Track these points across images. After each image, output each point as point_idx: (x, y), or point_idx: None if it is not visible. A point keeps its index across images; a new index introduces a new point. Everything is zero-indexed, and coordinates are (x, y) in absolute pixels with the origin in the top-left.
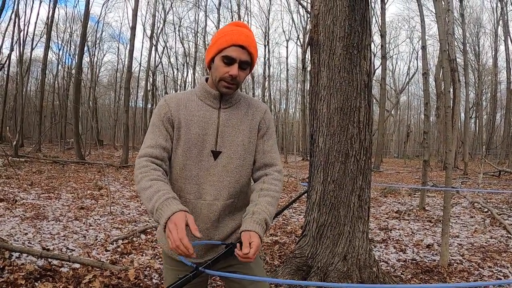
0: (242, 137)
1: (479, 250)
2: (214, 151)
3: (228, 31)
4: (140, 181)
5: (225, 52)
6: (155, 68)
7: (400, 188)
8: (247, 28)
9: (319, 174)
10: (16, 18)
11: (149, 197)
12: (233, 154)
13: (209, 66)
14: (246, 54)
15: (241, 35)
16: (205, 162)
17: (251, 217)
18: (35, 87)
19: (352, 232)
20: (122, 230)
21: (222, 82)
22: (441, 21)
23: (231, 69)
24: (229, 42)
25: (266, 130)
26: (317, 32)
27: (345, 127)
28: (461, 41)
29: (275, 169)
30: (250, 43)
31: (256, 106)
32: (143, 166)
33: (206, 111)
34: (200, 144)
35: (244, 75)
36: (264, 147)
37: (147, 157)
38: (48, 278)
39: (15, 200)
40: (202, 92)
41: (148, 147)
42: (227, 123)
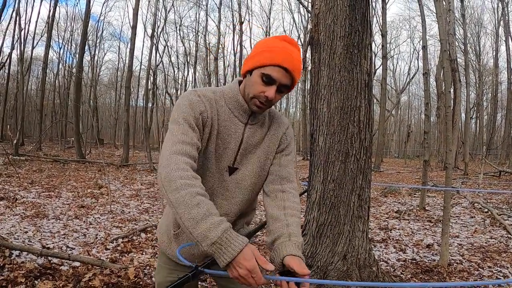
0: (259, 154)
1: (479, 250)
2: (230, 167)
3: (276, 47)
4: (181, 190)
5: (266, 70)
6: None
7: (400, 188)
8: (296, 47)
9: (319, 173)
10: (17, 16)
11: (196, 219)
12: (248, 172)
13: (244, 75)
14: (288, 78)
15: (289, 56)
16: (220, 175)
17: (289, 239)
18: (36, 85)
19: (352, 231)
20: (122, 229)
21: (255, 100)
22: (442, 21)
23: (268, 90)
24: (274, 61)
25: (286, 145)
26: (317, 31)
27: (345, 126)
28: (462, 41)
29: (292, 186)
30: (296, 67)
31: (279, 121)
32: (183, 169)
33: (232, 123)
34: (219, 156)
35: (280, 97)
36: (281, 161)
37: (185, 157)
38: (48, 276)
39: (15, 199)
40: (232, 101)
41: (183, 143)
42: (249, 140)
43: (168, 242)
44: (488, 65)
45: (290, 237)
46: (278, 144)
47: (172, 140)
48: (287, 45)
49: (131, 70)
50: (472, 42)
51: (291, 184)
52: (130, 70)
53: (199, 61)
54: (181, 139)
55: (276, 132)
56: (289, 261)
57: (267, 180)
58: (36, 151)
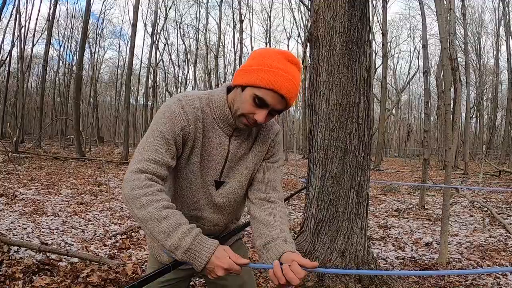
0: (247, 165)
1: (478, 248)
2: (217, 181)
3: (276, 68)
4: (147, 207)
5: (261, 92)
6: (156, 65)
7: (400, 187)
8: (299, 68)
9: (317, 170)
10: (17, 14)
11: (167, 231)
12: (236, 185)
13: (235, 85)
14: (282, 104)
15: (288, 83)
16: (206, 190)
17: (285, 242)
18: (36, 83)
19: (350, 228)
20: (121, 226)
21: (243, 119)
22: (442, 19)
23: (259, 113)
24: (270, 85)
25: (273, 153)
26: (316, 27)
27: (344, 123)
28: (462, 41)
29: (278, 196)
30: (294, 94)
31: (268, 127)
32: (146, 186)
33: (217, 134)
34: (205, 170)
35: (270, 118)
36: (267, 168)
37: (151, 175)
38: (46, 272)
39: (14, 196)
40: (217, 112)
41: (151, 161)
42: (236, 153)
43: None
44: (489, 65)
45: (286, 241)
46: (266, 151)
47: (142, 155)
48: (289, 68)
49: (131, 68)
50: (472, 41)
51: (276, 194)
52: (130, 68)
53: (199, 59)
54: (151, 156)
55: (264, 139)
56: (290, 256)
57: (252, 187)
58: (36, 149)
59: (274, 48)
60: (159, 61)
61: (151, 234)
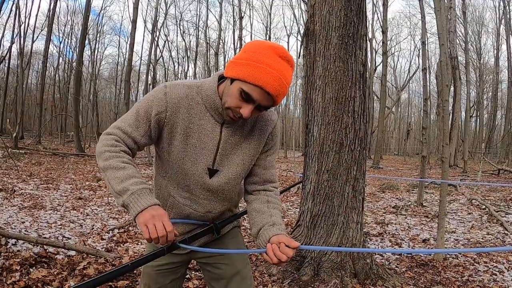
0: (243, 155)
1: (475, 245)
2: (210, 169)
3: (266, 64)
4: (109, 159)
5: (247, 87)
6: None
7: (399, 184)
8: (291, 64)
9: (313, 164)
10: (17, 10)
11: (121, 178)
12: (231, 174)
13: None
14: (269, 101)
15: (276, 81)
16: (199, 178)
17: (273, 226)
18: (36, 79)
19: (346, 222)
20: (119, 220)
21: (229, 112)
22: (440, 15)
23: (245, 107)
24: (257, 82)
25: (272, 145)
26: (313, 22)
27: (339, 117)
28: (462, 39)
29: (274, 185)
30: (282, 91)
31: (266, 119)
32: (112, 145)
33: (208, 122)
34: (195, 157)
35: (258, 113)
36: (265, 163)
37: (117, 141)
38: (43, 264)
39: (13, 190)
40: (208, 100)
41: (122, 131)
42: (229, 140)
43: None
44: (489, 64)
45: (274, 225)
46: (264, 144)
47: (118, 123)
48: (280, 64)
49: (131, 64)
50: (473, 40)
51: (273, 184)
52: (130, 64)
53: (199, 56)
54: (124, 128)
55: (262, 131)
56: (276, 238)
57: (250, 180)
58: (36, 145)
59: (267, 42)
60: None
61: (108, 180)
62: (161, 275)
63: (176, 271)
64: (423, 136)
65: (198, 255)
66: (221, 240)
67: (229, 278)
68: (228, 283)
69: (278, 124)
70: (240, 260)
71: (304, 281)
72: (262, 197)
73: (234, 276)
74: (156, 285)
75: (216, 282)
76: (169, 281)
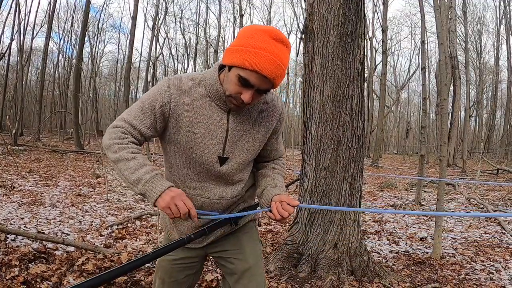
0: (253, 142)
1: (472, 244)
2: (220, 157)
3: (261, 48)
4: (119, 152)
5: (245, 73)
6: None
7: (397, 183)
8: (287, 46)
9: (311, 161)
10: (16, 7)
11: (133, 168)
12: (241, 160)
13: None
14: (268, 84)
15: (271, 64)
16: (209, 166)
17: (275, 187)
18: (36, 76)
19: (343, 220)
20: (118, 217)
21: (231, 99)
22: (440, 14)
23: (245, 92)
24: (253, 67)
25: (280, 129)
26: (311, 20)
27: (337, 115)
28: (463, 39)
29: (280, 155)
30: (279, 74)
31: (272, 104)
32: (119, 137)
33: (214, 111)
34: (204, 146)
35: (259, 97)
36: (276, 146)
37: (123, 133)
38: (42, 260)
39: (13, 187)
40: (212, 89)
41: (129, 123)
42: (237, 128)
43: (171, 228)
44: (489, 64)
45: (276, 186)
46: (273, 131)
47: (124, 116)
48: (274, 47)
49: (131, 61)
50: (473, 40)
51: (280, 156)
52: (129, 61)
53: (199, 53)
54: (130, 120)
55: (270, 117)
56: (278, 198)
57: (260, 160)
58: (35, 142)
59: (261, 25)
60: (159, 55)
61: (120, 172)
62: (176, 269)
63: (192, 266)
64: (422, 135)
65: (213, 249)
66: (235, 234)
67: (241, 273)
68: (239, 278)
69: (284, 110)
70: (252, 255)
71: (301, 278)
72: (269, 164)
73: (245, 272)
74: (170, 278)
75: (229, 276)
76: (184, 276)
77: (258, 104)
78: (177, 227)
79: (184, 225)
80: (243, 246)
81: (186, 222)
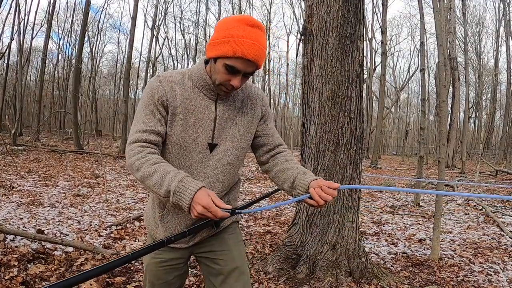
0: (239, 128)
1: (471, 246)
2: (210, 144)
3: (240, 36)
4: (140, 168)
5: (230, 61)
6: (155, 59)
7: (396, 184)
8: (261, 34)
9: (309, 163)
10: (16, 7)
11: (158, 182)
12: (229, 147)
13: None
14: (253, 66)
15: (252, 48)
16: (200, 154)
17: (305, 174)
18: (35, 76)
19: (342, 221)
20: (117, 217)
21: (221, 87)
22: (439, 16)
23: (233, 79)
24: (237, 54)
25: (267, 114)
26: (311, 22)
27: (336, 116)
28: (462, 40)
29: (284, 146)
30: (261, 55)
31: (254, 93)
32: (137, 152)
33: (202, 101)
34: (195, 135)
35: (246, 80)
36: (269, 130)
37: (140, 142)
38: (41, 260)
39: (12, 187)
40: (199, 81)
41: (140, 131)
42: (224, 115)
43: (155, 226)
44: (488, 65)
45: (306, 173)
46: (259, 117)
47: (133, 129)
48: (251, 33)
49: (130, 61)
50: (473, 41)
51: (283, 146)
52: (129, 62)
53: (198, 54)
54: (140, 128)
55: (253, 104)
56: (317, 183)
57: (262, 151)
58: (34, 141)
59: (233, 16)
60: (159, 55)
61: (150, 189)
62: (164, 272)
63: (179, 267)
64: (420, 137)
65: (199, 250)
66: (221, 235)
67: (227, 273)
68: (226, 279)
69: (265, 97)
70: (239, 256)
71: (300, 279)
72: (280, 159)
73: (232, 272)
74: (159, 281)
75: (214, 277)
76: (173, 277)
77: (241, 94)
78: (165, 224)
79: (173, 223)
80: (230, 246)
81: (174, 220)
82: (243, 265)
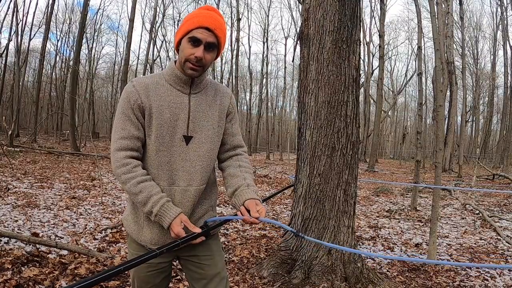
0: (212, 121)
1: (467, 250)
2: (185, 136)
3: (196, 14)
4: (127, 183)
5: (191, 33)
6: (153, 61)
7: (393, 188)
8: (216, 12)
9: (305, 167)
10: (14, 7)
11: (143, 202)
12: (204, 139)
13: (177, 48)
14: (213, 37)
15: (208, 18)
16: (177, 148)
17: (248, 188)
18: (33, 77)
19: (337, 226)
20: (112, 220)
21: (188, 64)
22: (436, 20)
23: (196, 50)
24: (196, 24)
25: (233, 113)
26: (307, 26)
27: (332, 121)
28: (459, 44)
29: (243, 150)
30: (218, 26)
31: (223, 91)
32: (123, 164)
33: (176, 96)
34: (171, 129)
35: (210, 57)
36: (232, 130)
37: (124, 151)
38: (35, 263)
39: (7, 189)
40: (171, 77)
41: (122, 138)
42: (197, 108)
43: (139, 229)
44: (486, 69)
45: (249, 186)
46: (227, 113)
47: (114, 137)
48: (207, 11)
49: (128, 63)
50: (470, 45)
51: (242, 148)
52: (126, 64)
53: None
54: (120, 135)
55: (222, 101)
56: (247, 204)
57: (221, 150)
58: (31, 143)
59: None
60: (157, 57)
61: (135, 201)
62: (152, 276)
63: (166, 269)
64: (417, 141)
65: (185, 253)
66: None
67: (210, 278)
68: (208, 283)
69: (233, 97)
70: (220, 261)
71: (295, 284)
72: (234, 162)
73: (214, 277)
74: (148, 285)
75: (197, 282)
76: (160, 279)
77: (211, 89)
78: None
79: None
80: (213, 252)
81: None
82: (223, 271)
